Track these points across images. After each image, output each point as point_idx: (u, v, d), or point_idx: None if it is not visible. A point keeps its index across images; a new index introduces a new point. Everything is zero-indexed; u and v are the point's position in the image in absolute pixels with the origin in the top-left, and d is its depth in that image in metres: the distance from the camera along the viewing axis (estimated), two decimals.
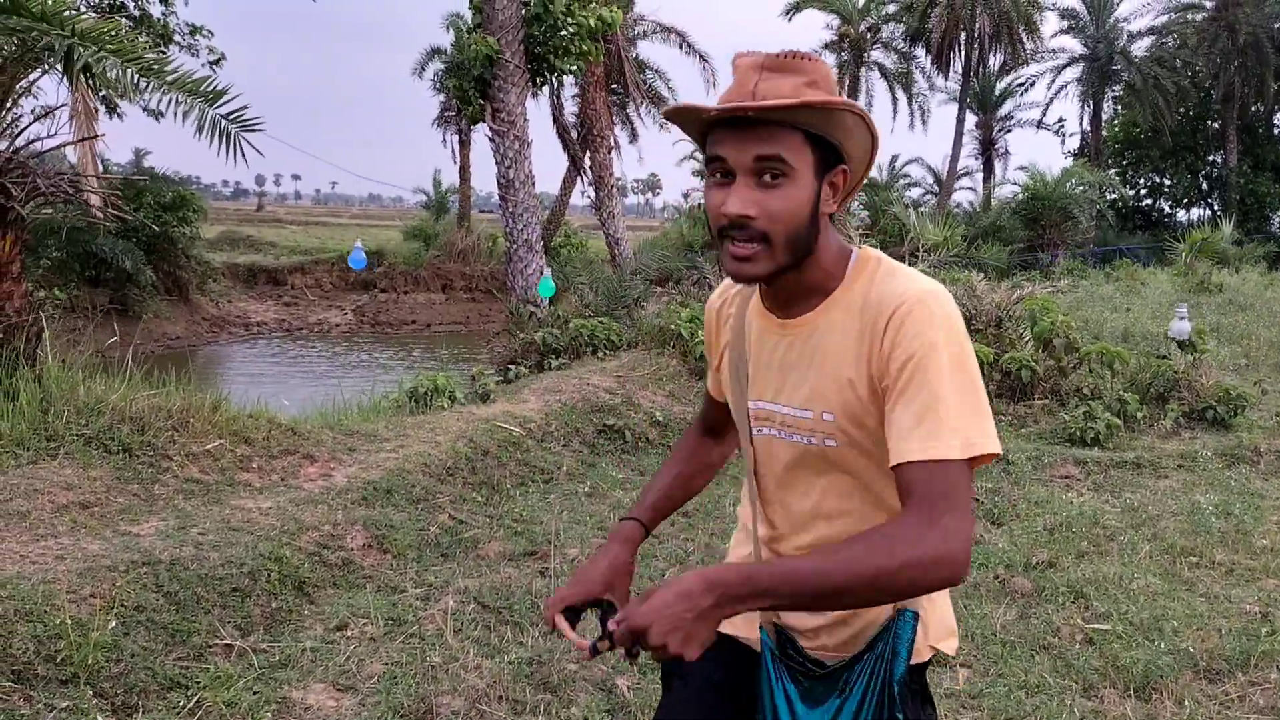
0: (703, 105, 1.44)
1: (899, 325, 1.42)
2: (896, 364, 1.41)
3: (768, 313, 1.61)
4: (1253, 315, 14.44)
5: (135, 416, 5.34)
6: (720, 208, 1.43)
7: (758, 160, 1.41)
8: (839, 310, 1.52)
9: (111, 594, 3.61)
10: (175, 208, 20.59)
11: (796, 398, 1.55)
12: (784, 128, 1.41)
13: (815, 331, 1.53)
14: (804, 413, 1.54)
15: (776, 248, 1.45)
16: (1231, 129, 36.09)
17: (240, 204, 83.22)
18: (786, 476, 1.61)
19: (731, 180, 1.43)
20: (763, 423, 1.62)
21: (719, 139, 1.44)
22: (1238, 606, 4.51)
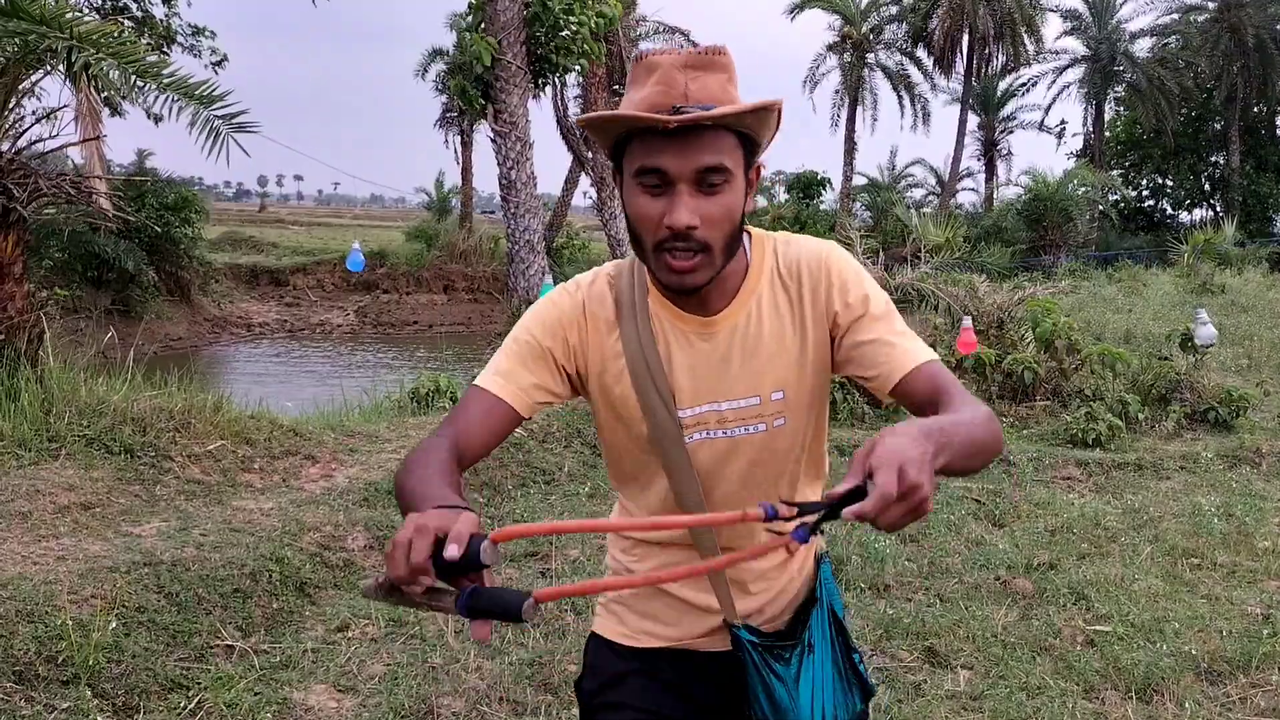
0: (648, 115, 1.33)
1: (836, 276, 1.51)
2: (854, 306, 1.49)
3: (686, 314, 1.52)
4: (1255, 316, 14.43)
5: (137, 417, 5.35)
6: (663, 219, 1.37)
7: (702, 171, 1.36)
8: (765, 292, 1.53)
9: (113, 595, 3.62)
10: (177, 208, 20.57)
11: (739, 389, 1.52)
12: (723, 132, 1.38)
13: (747, 319, 1.52)
14: (750, 400, 1.52)
15: (715, 254, 1.42)
16: (1234, 130, 36.05)
17: (242, 205, 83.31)
18: (726, 474, 1.56)
19: (668, 190, 1.37)
20: (697, 428, 1.54)
21: (656, 148, 1.36)
22: (1239, 608, 4.51)
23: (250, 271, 26.59)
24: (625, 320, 1.53)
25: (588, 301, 1.56)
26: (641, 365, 1.51)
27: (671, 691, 1.63)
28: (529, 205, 14.08)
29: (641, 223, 1.41)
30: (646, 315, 1.53)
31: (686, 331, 1.52)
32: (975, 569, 4.96)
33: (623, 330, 1.53)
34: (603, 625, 1.70)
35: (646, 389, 1.51)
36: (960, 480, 6.60)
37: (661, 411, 1.51)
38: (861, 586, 4.70)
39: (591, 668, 1.69)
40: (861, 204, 33.75)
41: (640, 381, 1.51)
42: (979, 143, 39.56)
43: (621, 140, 1.42)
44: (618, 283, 1.57)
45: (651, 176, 1.37)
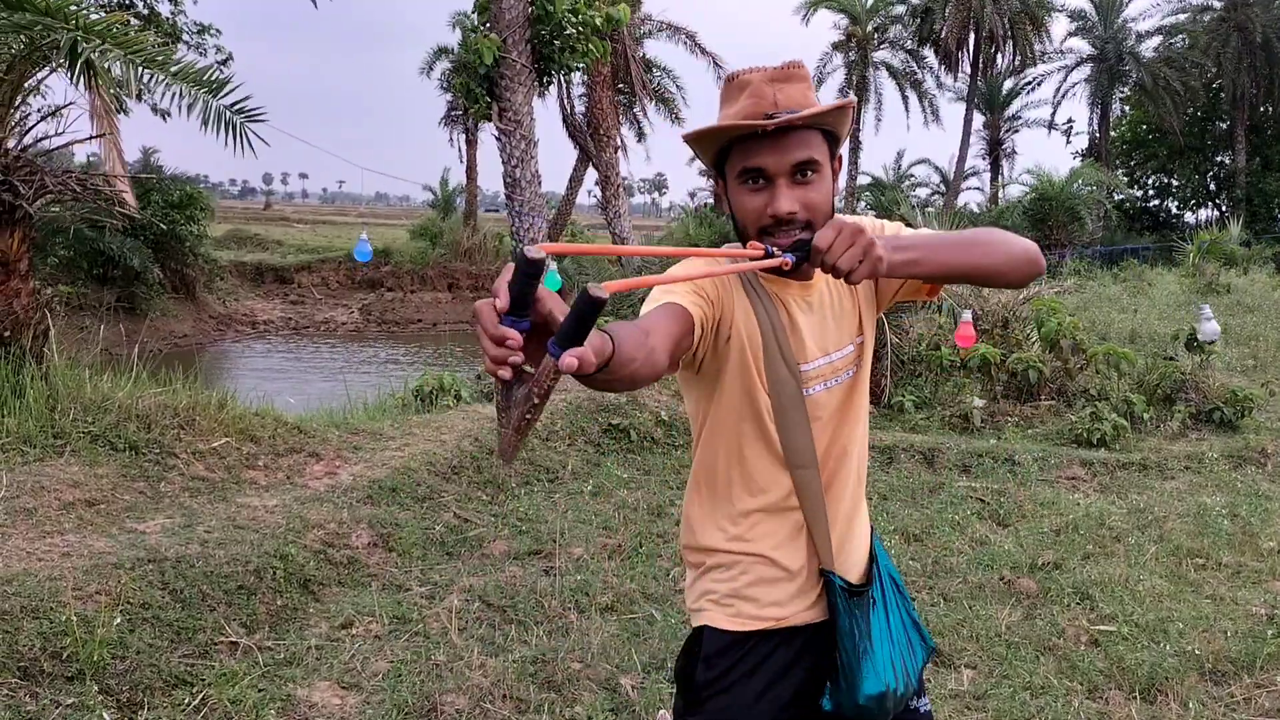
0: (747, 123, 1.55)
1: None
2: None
3: (790, 283, 1.72)
4: (1260, 316, 14.38)
5: (142, 414, 5.36)
6: (767, 209, 1.58)
7: (796, 165, 1.58)
8: None
9: (117, 591, 3.62)
10: (183, 206, 20.61)
11: (839, 341, 1.76)
12: (811, 131, 1.60)
13: (826, 283, 1.76)
14: (846, 350, 1.77)
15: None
16: (1240, 129, 35.92)
17: (248, 202, 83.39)
18: (833, 420, 1.77)
19: (768, 185, 1.59)
20: (815, 380, 1.74)
21: (753, 150, 1.58)
22: (1244, 608, 4.50)
23: (255, 269, 26.63)
24: (749, 291, 1.71)
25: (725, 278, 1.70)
26: (770, 330, 1.69)
27: (777, 674, 1.76)
28: (533, 204, 14.04)
29: (747, 216, 1.62)
30: (764, 288, 1.72)
31: (796, 298, 1.73)
32: (979, 569, 4.96)
33: (750, 300, 1.70)
34: (712, 617, 1.79)
35: (773, 352, 1.69)
36: (964, 480, 6.60)
37: (784, 371, 1.70)
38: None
39: (705, 659, 1.77)
40: (866, 203, 33.69)
41: (769, 347, 1.69)
42: (984, 142, 39.51)
43: (723, 150, 1.64)
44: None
45: (753, 174, 1.59)
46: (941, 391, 8.75)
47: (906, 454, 7.05)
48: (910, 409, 8.32)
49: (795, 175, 1.59)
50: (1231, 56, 34.26)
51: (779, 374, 1.69)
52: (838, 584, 1.75)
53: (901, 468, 6.88)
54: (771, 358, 1.69)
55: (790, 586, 1.76)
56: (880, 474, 6.69)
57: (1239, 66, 34.27)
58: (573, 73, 16.22)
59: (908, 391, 8.58)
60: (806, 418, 1.72)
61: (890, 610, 1.81)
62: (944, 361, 8.90)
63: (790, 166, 1.58)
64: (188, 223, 20.91)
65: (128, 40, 5.36)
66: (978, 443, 7.36)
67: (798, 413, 1.71)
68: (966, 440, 7.47)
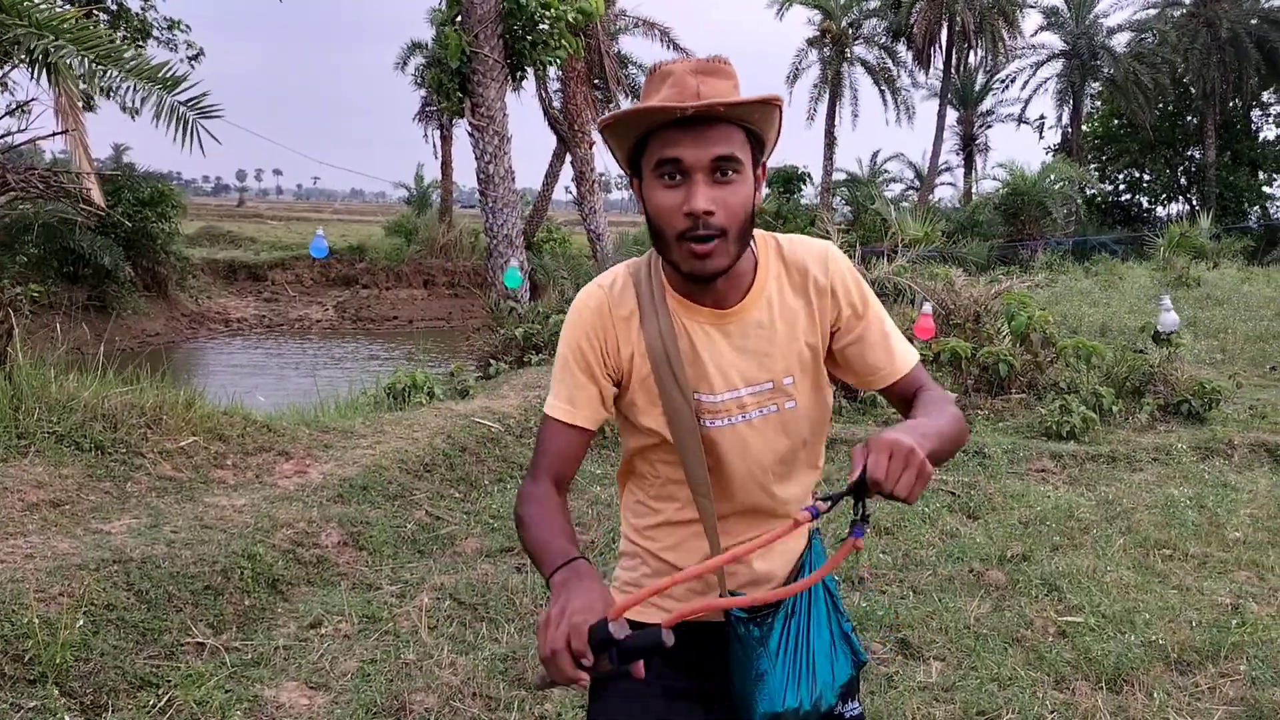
0: (666, 105, 1.46)
1: (837, 276, 1.68)
2: (851, 303, 1.68)
3: (700, 306, 1.65)
4: (1230, 309, 14.55)
5: (108, 414, 5.30)
6: (683, 207, 1.50)
7: (716, 160, 1.49)
8: (772, 287, 1.67)
9: (81, 593, 3.58)
10: (154, 203, 20.42)
11: (757, 375, 1.66)
12: (733, 126, 1.52)
13: (760, 312, 1.65)
14: (764, 385, 1.66)
15: (730, 240, 1.54)
16: (1210, 124, 36.30)
17: (221, 199, 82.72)
18: (743, 457, 1.68)
19: (686, 180, 1.50)
20: (718, 414, 1.66)
21: (672, 140, 1.49)
22: (1209, 598, 4.54)
23: (228, 267, 26.43)
24: (646, 315, 1.65)
25: (609, 303, 1.68)
26: (662, 356, 1.63)
27: (681, 666, 1.70)
28: (507, 199, 14.04)
29: (662, 214, 1.53)
30: (667, 310, 1.65)
31: (704, 324, 1.65)
32: (949, 561, 4.99)
33: (644, 325, 1.65)
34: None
35: (666, 379, 1.63)
36: (935, 473, 6.62)
37: (679, 400, 1.63)
38: (836, 578, 4.70)
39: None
40: (841, 198, 33.80)
41: (660, 372, 1.64)
42: (957, 137, 39.73)
43: (639, 143, 1.55)
44: (637, 279, 1.70)
45: (670, 167, 1.50)
46: None
47: None
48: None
49: (715, 173, 1.50)
50: (1200, 52, 34.61)
51: (674, 403, 1.63)
52: (732, 612, 1.69)
53: None
54: (665, 386, 1.63)
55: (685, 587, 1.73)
56: None
57: (1208, 62, 34.63)
58: (547, 68, 16.21)
59: None
60: (701, 450, 1.65)
61: (815, 624, 1.72)
62: None
63: (710, 161, 1.49)
64: (159, 220, 20.73)
65: (83, 36, 5.29)
66: None
67: (694, 443, 1.65)
68: None
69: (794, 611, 1.71)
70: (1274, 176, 39.50)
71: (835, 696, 1.72)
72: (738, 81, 1.54)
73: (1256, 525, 5.64)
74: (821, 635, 1.73)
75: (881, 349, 1.69)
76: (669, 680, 1.69)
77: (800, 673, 1.68)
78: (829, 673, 1.71)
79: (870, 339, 1.69)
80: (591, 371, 1.66)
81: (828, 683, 1.71)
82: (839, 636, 1.75)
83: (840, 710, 1.74)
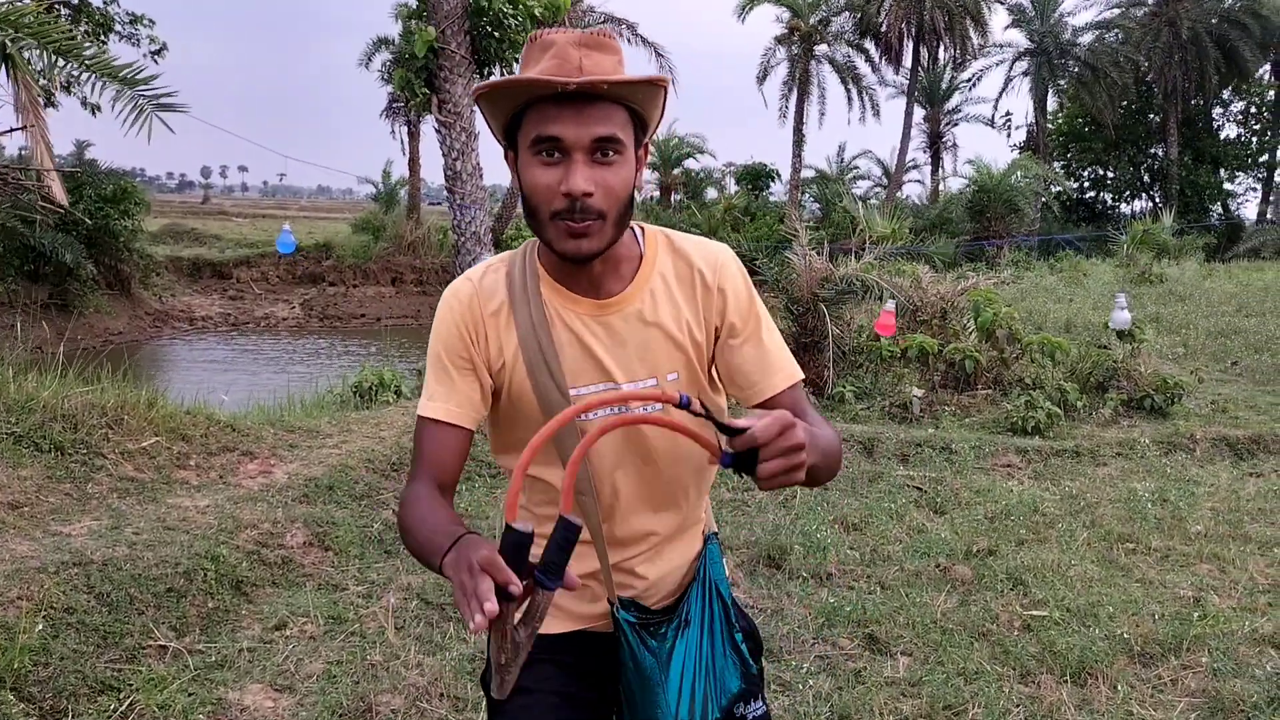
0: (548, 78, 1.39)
1: (728, 279, 1.61)
2: (739, 312, 1.61)
3: (578, 296, 1.58)
4: (1192, 305, 14.73)
5: (68, 414, 5.22)
6: (560, 186, 1.43)
7: (597, 140, 1.43)
8: (657, 280, 1.61)
9: (40, 596, 3.53)
10: (116, 200, 20.13)
11: (638, 371, 1.59)
12: (616, 106, 1.45)
13: (642, 304, 1.59)
14: (648, 381, 1.59)
15: (609, 223, 1.48)
16: (1172, 122, 36.74)
17: (185, 196, 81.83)
18: (627, 451, 1.62)
19: (564, 160, 1.44)
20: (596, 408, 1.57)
21: (551, 117, 1.42)
22: (1172, 591, 4.60)
23: (192, 264, 26.14)
24: (519, 305, 1.58)
25: (478, 295, 1.61)
26: (534, 346, 1.56)
27: (578, 674, 1.67)
28: (475, 196, 13.97)
29: (538, 193, 1.46)
30: (540, 299, 1.58)
31: (581, 314, 1.58)
32: (916, 556, 5.02)
33: (516, 315, 1.58)
34: None
35: (539, 369, 1.56)
36: (903, 469, 6.67)
37: (554, 392, 1.56)
38: (804, 575, 4.73)
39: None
40: (810, 196, 33.93)
41: (533, 362, 1.56)
42: (925, 135, 39.94)
43: (517, 115, 1.47)
44: (510, 269, 1.62)
45: (548, 145, 1.43)
46: (881, 382, 8.84)
47: (846, 444, 7.11)
48: (850, 399, 8.39)
49: (595, 153, 1.43)
50: (1162, 51, 35.01)
51: (548, 396, 1.56)
52: (621, 617, 1.63)
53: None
54: (538, 379, 1.56)
55: (586, 600, 1.68)
56: None
57: (1169, 60, 35.03)
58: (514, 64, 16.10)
59: (848, 382, 8.65)
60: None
61: (706, 634, 1.65)
62: (883, 352, 8.99)
63: (590, 141, 1.42)
64: (122, 217, 20.44)
65: (42, 30, 5.21)
66: (916, 432, 7.45)
67: (570, 439, 1.55)
68: (905, 430, 7.55)
69: (687, 621, 1.64)
70: (1235, 174, 40.07)
71: (721, 711, 1.64)
72: (622, 57, 1.47)
73: (1218, 519, 5.72)
74: (715, 646, 1.66)
75: (759, 363, 1.61)
76: (570, 689, 1.66)
77: (700, 681, 1.62)
78: (716, 684, 1.64)
79: (750, 350, 1.61)
80: (464, 368, 1.60)
81: (714, 694, 1.64)
82: (728, 647, 1.67)
83: (742, 712, 1.68)
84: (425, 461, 1.57)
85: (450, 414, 1.58)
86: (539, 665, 1.64)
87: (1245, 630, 4.10)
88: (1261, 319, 13.44)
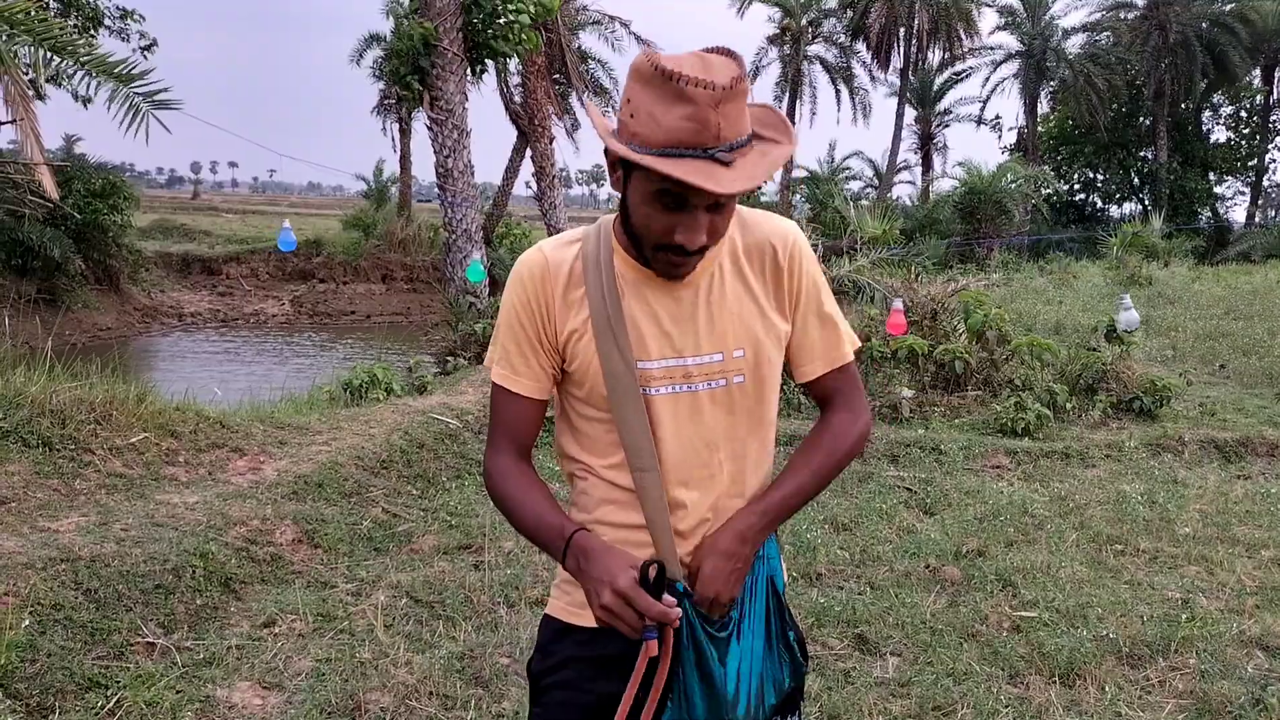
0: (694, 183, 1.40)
1: (797, 256, 1.67)
2: (805, 289, 1.68)
3: (652, 276, 1.61)
4: (1180, 308, 14.79)
5: (56, 409, 5.19)
6: (674, 233, 1.49)
7: (716, 202, 1.47)
8: (726, 259, 1.65)
9: (28, 592, 3.51)
10: (105, 195, 20.04)
11: (705, 346, 1.62)
12: None
13: (710, 280, 1.63)
14: (714, 357, 1.62)
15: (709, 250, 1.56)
16: (1162, 125, 36.91)
17: (175, 191, 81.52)
18: (690, 426, 1.63)
19: (684, 209, 1.47)
20: (662, 381, 1.61)
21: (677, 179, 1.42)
22: (1160, 593, 4.61)
23: (182, 260, 26.03)
24: (590, 277, 1.61)
25: (548, 268, 1.64)
26: (603, 318, 1.58)
27: (613, 668, 1.61)
28: (466, 194, 13.96)
29: (650, 229, 1.51)
30: (612, 272, 1.61)
31: (651, 288, 1.61)
32: (905, 557, 5.02)
33: (588, 286, 1.61)
34: (553, 605, 1.74)
35: (606, 340, 1.58)
36: (893, 470, 6.68)
37: (619, 363, 1.58)
38: (794, 575, 4.73)
39: (541, 649, 1.74)
40: (801, 196, 33.97)
41: (601, 333, 1.59)
42: (916, 136, 40.06)
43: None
44: (585, 244, 1.65)
45: (671, 199, 1.47)
46: (872, 382, 8.84)
47: None
48: None
49: (714, 206, 1.49)
50: (1152, 54, 35.17)
51: (614, 367, 1.58)
52: (681, 589, 1.59)
53: None
54: (605, 350, 1.58)
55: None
56: None
57: (1159, 64, 35.19)
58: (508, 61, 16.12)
59: None
60: (646, 418, 1.59)
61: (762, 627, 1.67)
62: (874, 353, 8.99)
63: (708, 202, 1.47)
64: (111, 212, 20.36)
65: (37, 26, 5.19)
66: (906, 432, 7.46)
67: (634, 411, 1.58)
68: (895, 430, 7.56)
69: (744, 613, 1.65)
70: (1224, 178, 40.28)
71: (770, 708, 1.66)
72: (746, 87, 1.47)
73: (1206, 521, 5.74)
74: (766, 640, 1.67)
75: (815, 342, 1.71)
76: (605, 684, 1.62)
77: (749, 674, 1.63)
78: (773, 680, 1.67)
79: (812, 326, 1.70)
80: (533, 343, 1.65)
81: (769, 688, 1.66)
82: (780, 644, 1.69)
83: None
84: (506, 430, 1.69)
85: (527, 388, 1.67)
86: (573, 663, 1.68)
87: (1233, 632, 4.12)
88: (1249, 322, 13.50)
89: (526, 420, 1.69)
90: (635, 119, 1.45)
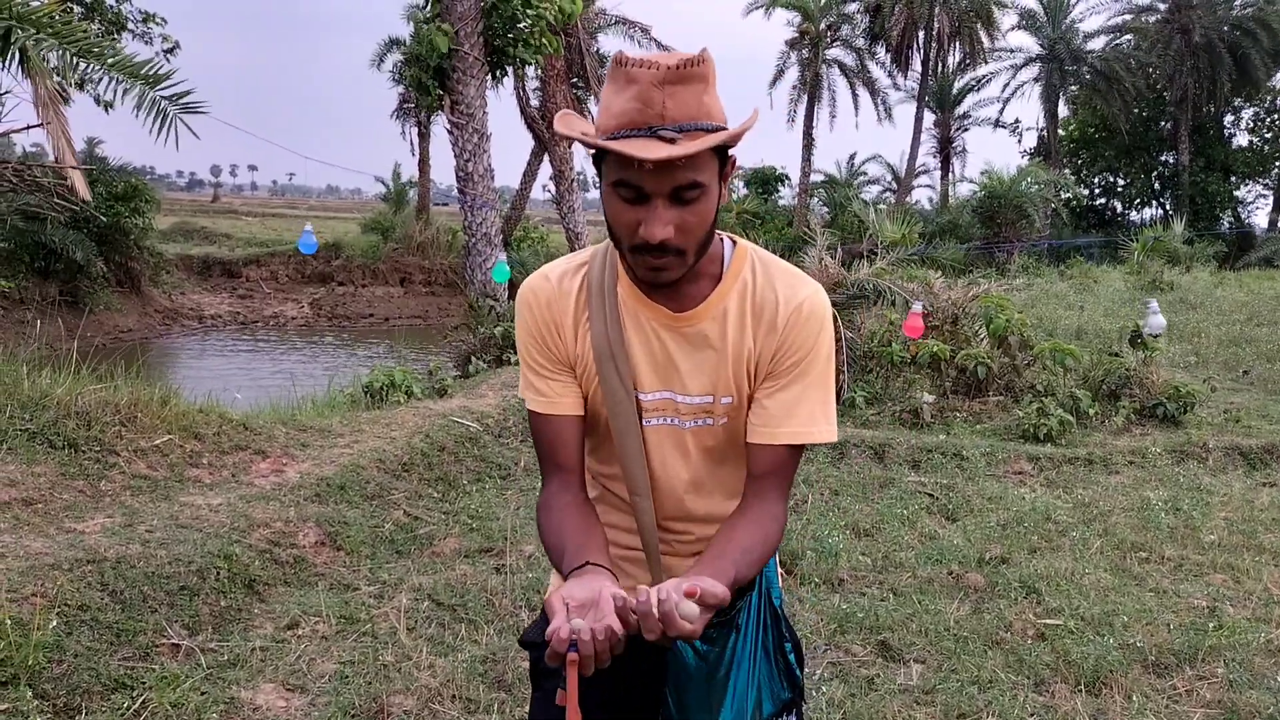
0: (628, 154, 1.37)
1: (799, 325, 1.59)
2: (788, 359, 1.59)
3: (655, 305, 1.61)
4: (1203, 314, 14.68)
5: (81, 411, 5.23)
6: (639, 231, 1.45)
7: (677, 188, 1.42)
8: (733, 302, 1.61)
9: (54, 593, 3.53)
10: (127, 198, 20.20)
11: (695, 386, 1.62)
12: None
13: (712, 323, 1.60)
14: (704, 398, 1.62)
15: (689, 254, 1.50)
16: (1184, 129, 36.64)
17: (195, 195, 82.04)
18: (675, 460, 1.67)
19: (645, 202, 1.43)
20: (655, 414, 1.64)
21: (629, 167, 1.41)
22: (1186, 601, 4.58)
23: (202, 263, 26.18)
24: (594, 306, 1.61)
25: (554, 297, 1.64)
26: (605, 347, 1.59)
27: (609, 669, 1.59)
28: (486, 197, 13.99)
29: (619, 227, 1.49)
30: (615, 301, 1.61)
31: (654, 321, 1.61)
32: (928, 563, 5.00)
33: (591, 315, 1.62)
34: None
35: (608, 369, 1.60)
36: (914, 475, 6.65)
37: (620, 391, 1.60)
38: (816, 581, 4.71)
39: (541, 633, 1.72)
40: (819, 200, 33.90)
41: (603, 362, 1.60)
42: (935, 140, 39.89)
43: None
44: (590, 269, 1.65)
45: (628, 190, 1.43)
46: (892, 387, 8.82)
47: (857, 449, 7.10)
48: (861, 404, 8.37)
49: (676, 197, 1.43)
50: (1174, 58, 34.93)
51: (615, 394, 1.61)
52: None
53: (852, 463, 6.93)
54: (606, 376, 1.60)
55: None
56: (831, 469, 6.72)
57: (1182, 68, 34.95)
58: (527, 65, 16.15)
59: (859, 387, 8.64)
60: (642, 448, 1.64)
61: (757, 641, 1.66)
62: (895, 357, 8.97)
63: (669, 189, 1.42)
64: (132, 215, 20.52)
65: (64, 30, 5.23)
66: (927, 438, 7.43)
67: (633, 439, 1.63)
68: (916, 435, 7.53)
69: (738, 626, 1.64)
70: (1246, 182, 39.96)
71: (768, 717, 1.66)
72: (710, 82, 1.43)
73: (1231, 528, 5.69)
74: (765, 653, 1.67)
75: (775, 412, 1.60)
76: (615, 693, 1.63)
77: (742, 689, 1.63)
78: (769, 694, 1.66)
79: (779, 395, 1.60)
80: (552, 361, 1.65)
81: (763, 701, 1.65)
82: (778, 657, 1.69)
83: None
84: (547, 455, 1.66)
85: (554, 406, 1.65)
86: None
87: (1260, 641, 4.08)
88: (1273, 328, 13.38)
89: (562, 441, 1.66)
90: (599, 113, 1.46)
